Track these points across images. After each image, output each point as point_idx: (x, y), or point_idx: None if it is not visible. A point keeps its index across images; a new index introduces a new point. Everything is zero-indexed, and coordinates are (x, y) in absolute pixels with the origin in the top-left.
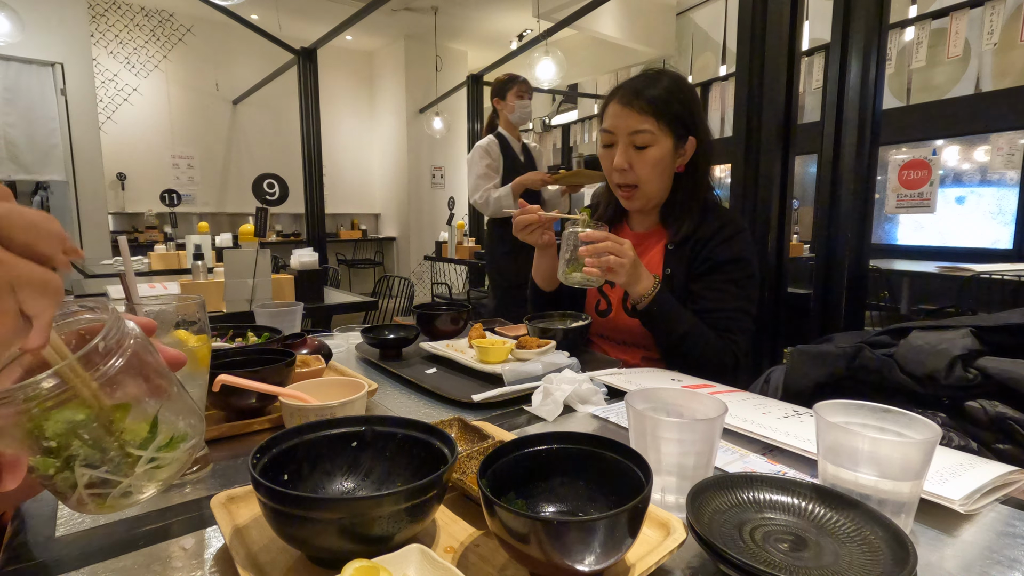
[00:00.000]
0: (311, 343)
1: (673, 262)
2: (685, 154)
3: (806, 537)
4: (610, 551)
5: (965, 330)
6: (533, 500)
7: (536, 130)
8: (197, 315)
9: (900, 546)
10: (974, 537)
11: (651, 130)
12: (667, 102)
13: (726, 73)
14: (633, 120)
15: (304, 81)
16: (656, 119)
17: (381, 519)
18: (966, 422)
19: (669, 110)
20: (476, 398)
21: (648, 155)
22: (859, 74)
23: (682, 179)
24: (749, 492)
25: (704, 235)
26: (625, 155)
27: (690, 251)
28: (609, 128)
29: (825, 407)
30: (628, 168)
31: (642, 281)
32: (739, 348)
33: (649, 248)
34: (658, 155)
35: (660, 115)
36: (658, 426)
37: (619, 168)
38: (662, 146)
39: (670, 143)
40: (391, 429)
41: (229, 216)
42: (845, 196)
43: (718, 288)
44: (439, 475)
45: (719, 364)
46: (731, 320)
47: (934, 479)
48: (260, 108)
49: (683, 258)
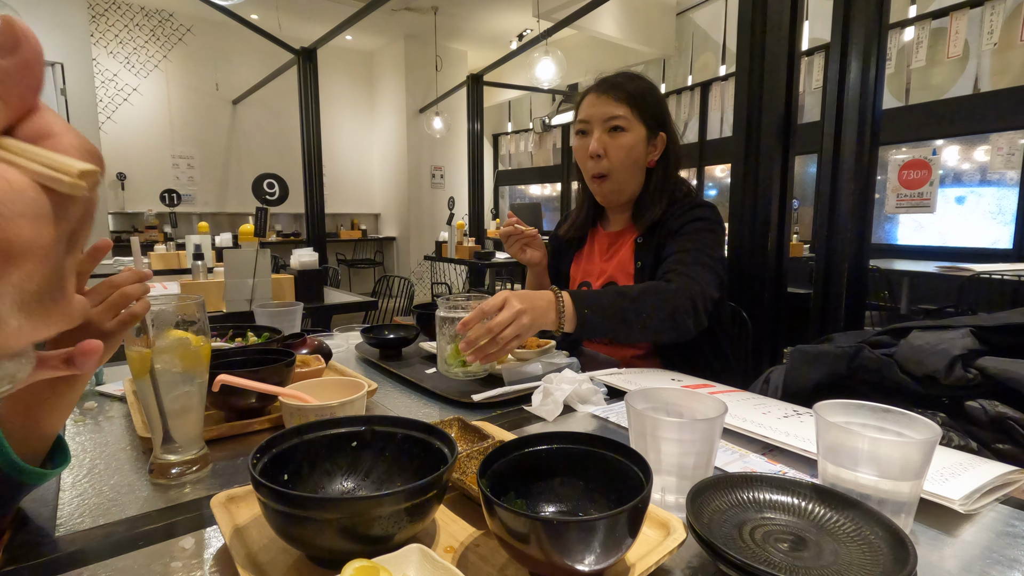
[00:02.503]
0: (311, 343)
1: (643, 255)
2: (656, 148)
3: (806, 537)
4: (610, 551)
5: (965, 330)
6: (533, 500)
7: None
8: (197, 315)
9: (900, 546)
10: (974, 537)
11: (625, 116)
12: (641, 96)
13: (726, 73)
14: (609, 107)
15: (304, 81)
16: (630, 107)
17: (381, 519)
18: (966, 422)
19: (643, 102)
20: (476, 398)
21: (622, 140)
22: (859, 74)
23: (652, 174)
24: (749, 492)
25: (667, 218)
26: (600, 141)
27: (657, 239)
28: (584, 117)
29: (825, 407)
30: (603, 154)
31: (547, 314)
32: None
33: (621, 247)
34: (632, 141)
35: (634, 104)
36: (658, 426)
37: (594, 153)
38: (635, 133)
39: (643, 132)
40: (391, 429)
41: (229, 216)
42: (845, 196)
43: (676, 246)
44: (439, 475)
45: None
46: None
47: (934, 479)
48: (260, 108)
49: (651, 247)
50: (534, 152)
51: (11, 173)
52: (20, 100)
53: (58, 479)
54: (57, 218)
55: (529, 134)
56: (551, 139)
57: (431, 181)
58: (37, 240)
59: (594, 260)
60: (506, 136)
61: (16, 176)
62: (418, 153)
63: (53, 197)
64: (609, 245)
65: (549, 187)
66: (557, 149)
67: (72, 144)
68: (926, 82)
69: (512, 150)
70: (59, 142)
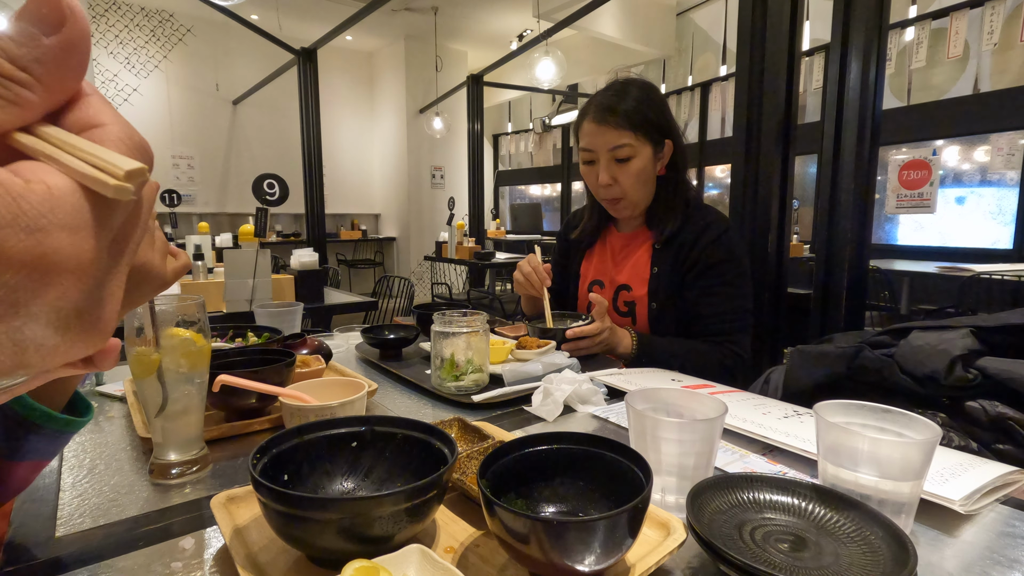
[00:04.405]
0: (311, 343)
1: (660, 261)
2: (664, 158)
3: (806, 537)
4: (610, 551)
5: (965, 330)
6: (533, 500)
7: (536, 130)
8: (197, 315)
9: (900, 546)
10: (974, 537)
11: (630, 143)
12: (640, 112)
13: (726, 73)
14: (611, 136)
15: (304, 81)
16: (633, 131)
17: (381, 519)
18: (966, 422)
19: (644, 119)
20: (476, 398)
21: (631, 167)
22: (859, 74)
23: (664, 181)
24: (749, 492)
25: (690, 235)
26: (608, 171)
27: (676, 250)
28: (588, 147)
29: (825, 407)
30: (613, 183)
31: (622, 341)
32: (740, 347)
33: (636, 248)
34: (640, 165)
35: (636, 126)
36: (658, 426)
37: (604, 184)
38: (643, 156)
39: (649, 151)
40: (391, 429)
41: (229, 216)
42: (845, 196)
43: (713, 292)
44: (439, 475)
45: (720, 369)
46: (729, 323)
47: (934, 479)
48: (260, 108)
49: (669, 257)
50: (534, 152)
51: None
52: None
53: (58, 479)
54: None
55: (529, 134)
56: (551, 139)
57: (431, 181)
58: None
59: (607, 260)
60: (506, 136)
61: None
62: (418, 153)
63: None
64: (623, 247)
65: (549, 187)
66: (557, 149)
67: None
68: (926, 82)
69: (512, 150)
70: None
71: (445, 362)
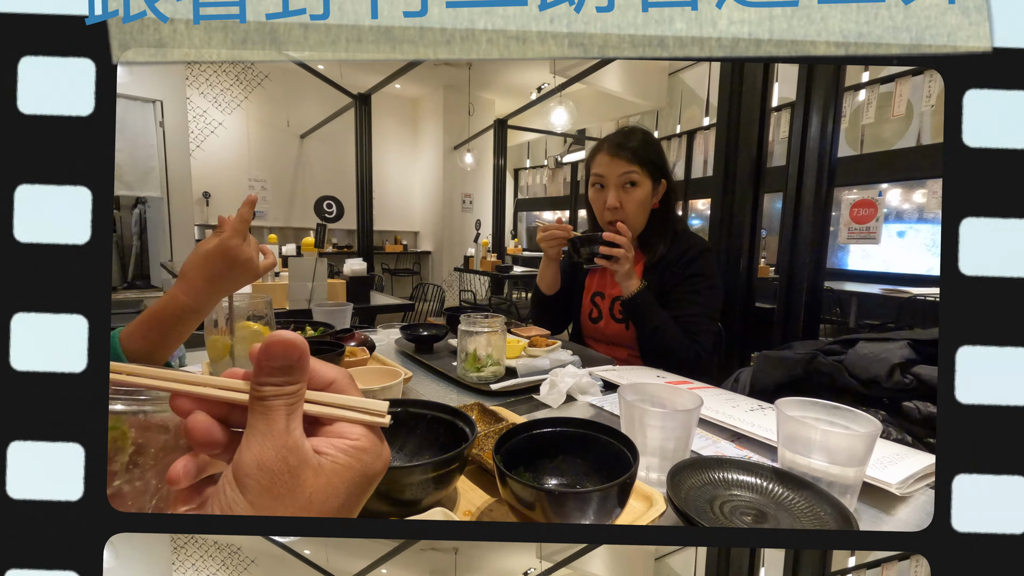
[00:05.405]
0: (358, 337)
1: (649, 278)
2: (659, 193)
3: (766, 511)
4: (602, 518)
5: (903, 342)
6: (539, 473)
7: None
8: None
9: (845, 521)
10: (907, 516)
11: (636, 172)
12: (645, 151)
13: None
14: (622, 166)
15: (360, 120)
16: (639, 165)
17: (411, 485)
18: (903, 419)
19: (647, 157)
20: (494, 387)
21: (635, 193)
22: (819, 127)
23: (656, 212)
24: (719, 472)
25: (674, 256)
26: (616, 195)
27: (664, 269)
28: (601, 174)
29: (785, 403)
30: (619, 206)
31: (632, 280)
32: (702, 347)
33: None
34: (642, 194)
35: (642, 161)
36: (645, 415)
37: (611, 207)
38: (644, 186)
39: (649, 184)
40: (422, 411)
41: (294, 230)
42: (805, 228)
43: (684, 299)
44: (461, 450)
45: (683, 358)
46: (695, 324)
47: (875, 466)
48: (323, 142)
49: (657, 272)
50: (548, 184)
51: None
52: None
53: None
54: None
55: (544, 169)
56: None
57: (462, 206)
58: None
59: (607, 277)
60: (525, 170)
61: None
62: (452, 182)
63: None
64: None
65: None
66: (567, 183)
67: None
68: (877, 136)
69: (530, 182)
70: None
71: (469, 356)
